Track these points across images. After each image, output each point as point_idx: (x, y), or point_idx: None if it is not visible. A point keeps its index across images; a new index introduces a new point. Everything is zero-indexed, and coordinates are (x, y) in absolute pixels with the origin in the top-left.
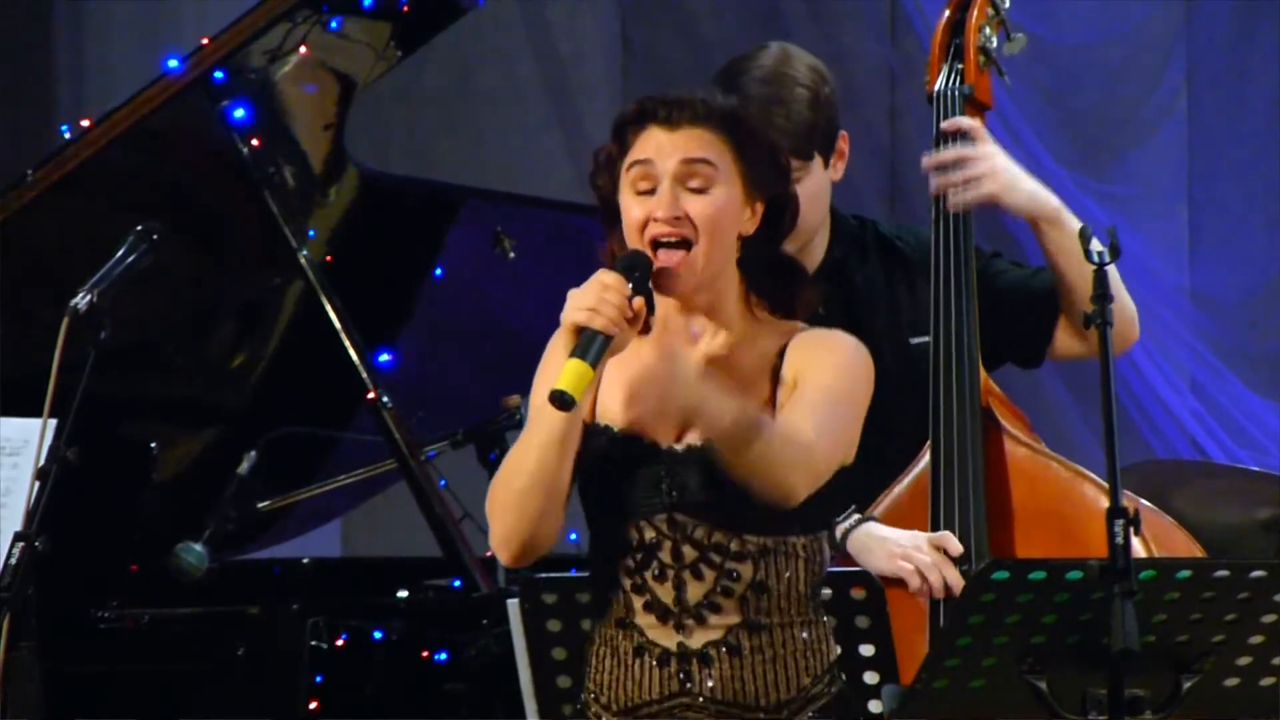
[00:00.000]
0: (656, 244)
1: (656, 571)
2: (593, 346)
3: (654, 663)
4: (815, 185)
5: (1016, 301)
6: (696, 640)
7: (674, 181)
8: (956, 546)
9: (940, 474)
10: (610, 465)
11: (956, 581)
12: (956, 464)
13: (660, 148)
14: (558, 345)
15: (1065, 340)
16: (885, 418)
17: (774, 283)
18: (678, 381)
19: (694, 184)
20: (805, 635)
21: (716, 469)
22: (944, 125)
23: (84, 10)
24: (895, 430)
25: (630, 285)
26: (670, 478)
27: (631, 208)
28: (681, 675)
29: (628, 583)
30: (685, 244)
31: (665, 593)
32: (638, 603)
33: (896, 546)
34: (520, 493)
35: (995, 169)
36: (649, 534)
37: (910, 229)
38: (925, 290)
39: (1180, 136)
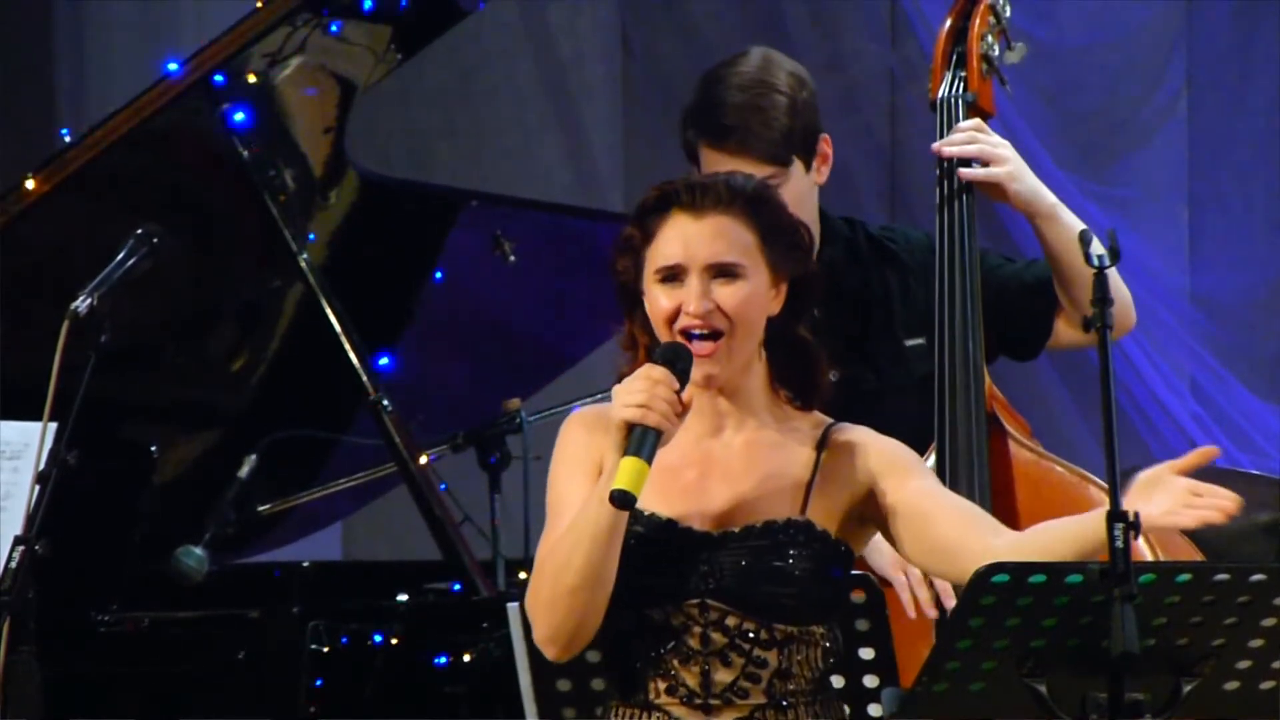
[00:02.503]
0: (687, 334)
1: (684, 656)
2: (646, 443)
3: None
4: (796, 190)
5: (1013, 296)
6: (724, 717)
7: (702, 275)
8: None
9: (946, 477)
10: (645, 550)
11: (925, 600)
12: (962, 467)
13: (688, 246)
14: (579, 430)
15: (1064, 330)
16: (884, 419)
17: (795, 368)
18: (717, 469)
19: (723, 276)
20: (824, 713)
21: (753, 558)
22: (957, 127)
23: (84, 11)
24: (893, 432)
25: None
26: (709, 564)
27: (659, 298)
28: None
29: (651, 667)
30: (716, 334)
31: (691, 677)
32: (661, 685)
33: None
34: (569, 591)
35: (1006, 155)
36: (677, 619)
37: (901, 230)
38: (919, 291)
39: (1181, 138)
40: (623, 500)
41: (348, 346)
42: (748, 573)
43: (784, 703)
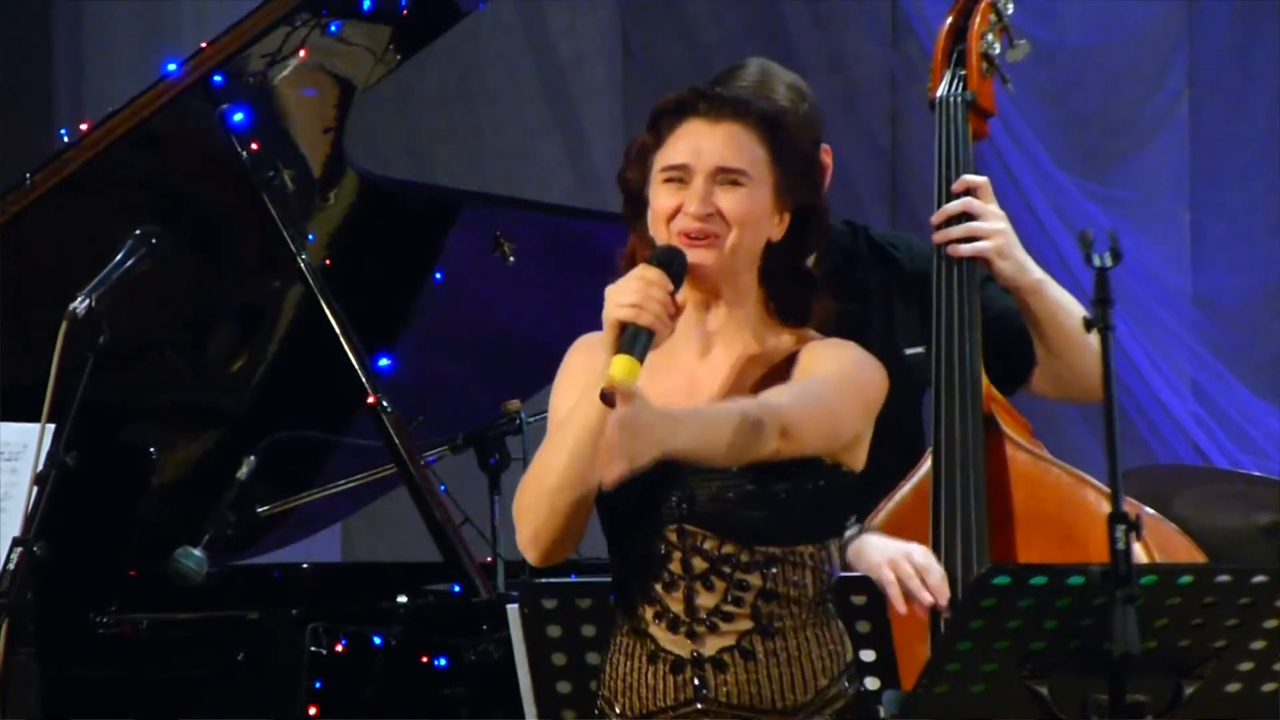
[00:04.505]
0: (684, 236)
1: (667, 581)
2: (638, 342)
3: (667, 670)
4: None
5: (1003, 330)
6: (710, 647)
7: (707, 179)
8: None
9: (942, 479)
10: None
11: (936, 587)
12: (958, 469)
13: (698, 150)
14: (581, 353)
15: (1038, 380)
16: (881, 427)
17: (790, 289)
18: (702, 393)
19: (727, 182)
20: (819, 637)
21: (727, 481)
22: (955, 187)
23: (84, 11)
24: (891, 439)
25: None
26: (681, 490)
27: (661, 195)
28: (696, 681)
29: (640, 593)
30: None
31: (675, 603)
32: (649, 612)
33: (889, 551)
34: (552, 490)
35: (997, 229)
36: (659, 545)
37: (904, 236)
38: (920, 300)
39: (1182, 140)
40: (611, 396)
41: (347, 347)
42: (721, 496)
43: (773, 628)
